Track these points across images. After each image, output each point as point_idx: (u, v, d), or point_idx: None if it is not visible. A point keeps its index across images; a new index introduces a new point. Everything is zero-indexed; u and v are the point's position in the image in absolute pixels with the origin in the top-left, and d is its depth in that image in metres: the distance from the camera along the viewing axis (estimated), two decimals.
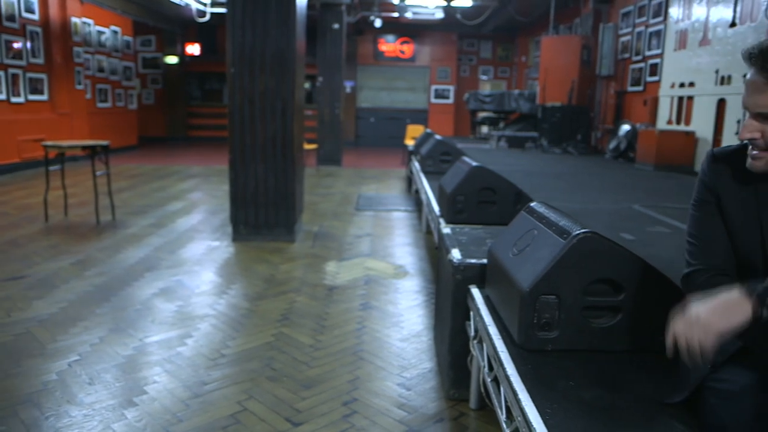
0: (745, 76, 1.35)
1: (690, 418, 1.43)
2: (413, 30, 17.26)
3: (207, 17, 12.04)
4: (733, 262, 1.44)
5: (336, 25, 10.98)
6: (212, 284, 4.03)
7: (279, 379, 2.68)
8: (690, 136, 8.67)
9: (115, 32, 12.63)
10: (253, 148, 5.02)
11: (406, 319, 3.46)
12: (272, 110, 4.97)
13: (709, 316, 1.20)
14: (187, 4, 11.96)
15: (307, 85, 16.19)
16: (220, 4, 11.67)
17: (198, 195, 7.67)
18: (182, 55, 16.37)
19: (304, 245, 5.13)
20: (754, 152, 1.33)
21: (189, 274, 4.21)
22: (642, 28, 10.60)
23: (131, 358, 2.85)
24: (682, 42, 9.14)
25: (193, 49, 16.54)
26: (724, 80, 7.96)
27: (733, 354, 1.35)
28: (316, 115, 11.44)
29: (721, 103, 8.11)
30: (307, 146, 9.80)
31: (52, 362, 2.78)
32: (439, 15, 14.34)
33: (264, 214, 5.13)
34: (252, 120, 4.97)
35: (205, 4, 11.90)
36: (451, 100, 17.86)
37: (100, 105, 12.04)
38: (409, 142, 10.30)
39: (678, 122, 9.19)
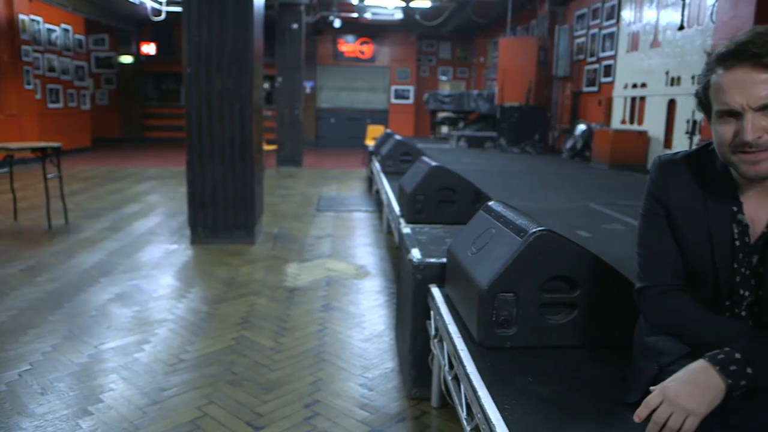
0: (694, 78, 1.34)
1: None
2: (373, 30, 17.28)
3: (162, 16, 11.79)
4: (683, 275, 1.41)
5: (295, 25, 10.91)
6: (170, 288, 3.96)
7: (240, 382, 2.65)
8: (643, 135, 8.91)
9: (66, 30, 12.27)
10: (211, 149, 4.94)
11: (367, 320, 3.46)
12: (230, 111, 4.91)
13: (689, 401, 1.15)
14: (141, 3, 11.70)
15: (266, 86, 16.02)
16: (176, 3, 11.45)
17: (155, 197, 7.52)
18: (137, 55, 16.00)
19: (265, 247, 5.08)
20: (750, 157, 1.22)
21: (146, 279, 4.12)
22: (596, 30, 10.85)
23: (86, 365, 2.77)
24: (634, 44, 9.39)
25: (149, 48, 16.19)
26: (674, 81, 8.21)
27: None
28: (276, 116, 11.34)
29: (672, 104, 8.37)
30: (267, 147, 9.70)
31: (1, 372, 2.68)
32: (399, 16, 14.39)
33: (223, 216, 5.06)
34: (209, 121, 4.90)
35: (160, 3, 11.66)
36: (411, 101, 17.95)
37: (51, 105, 11.67)
38: (370, 143, 10.31)
39: (631, 122, 9.44)
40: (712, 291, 1.38)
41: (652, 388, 1.22)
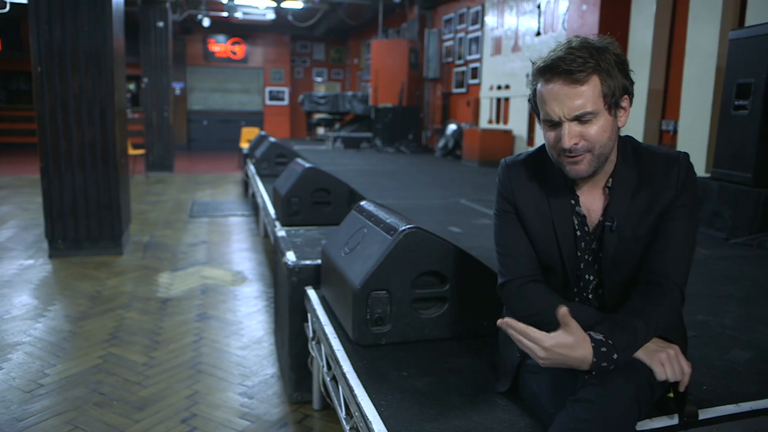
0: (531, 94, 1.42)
1: (510, 394, 1.56)
2: (244, 31, 16.91)
3: (6, 8, 10.76)
4: (539, 266, 1.51)
5: (160, 24, 10.41)
6: (26, 308, 3.63)
7: (108, 403, 2.48)
8: (508, 134, 9.44)
9: None
10: (69, 155, 4.59)
11: (246, 327, 3.38)
12: (89, 113, 4.59)
13: (559, 356, 1.24)
14: None
15: (132, 87, 15.16)
16: None
17: (6, 209, 6.85)
18: None
19: (134, 257, 4.81)
20: (571, 159, 1.35)
21: None
22: (463, 34, 11.33)
23: None
24: (497, 48, 9.92)
25: None
26: None
27: None
28: (143, 119, 10.77)
29: None
30: (133, 151, 9.20)
31: None
32: (270, 16, 14.17)
33: (86, 227, 4.72)
34: (66, 124, 4.55)
35: None
36: (286, 102, 17.77)
37: None
38: (245, 145, 10.08)
39: (497, 121, 9.96)
40: (562, 279, 1.50)
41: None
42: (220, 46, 17.13)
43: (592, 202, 1.45)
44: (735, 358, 1.89)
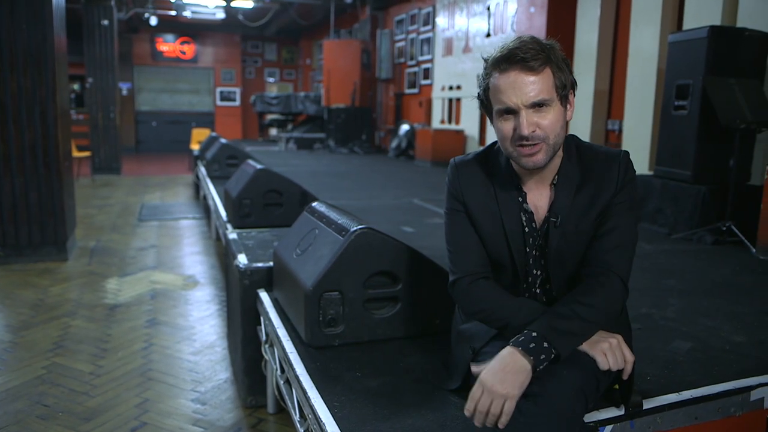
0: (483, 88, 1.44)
1: (462, 391, 1.58)
2: (194, 30, 16.61)
3: None
4: (489, 264, 1.53)
5: (105, 22, 10.12)
6: None
7: (53, 416, 2.40)
8: (460, 134, 9.55)
9: None
10: (8, 158, 4.41)
11: (198, 331, 3.32)
12: (29, 114, 4.42)
13: (504, 387, 1.23)
14: None
15: (76, 87, 14.70)
16: None
17: None
18: None
19: (79, 263, 4.66)
20: (528, 150, 1.36)
21: None
22: (414, 35, 11.41)
23: None
24: (448, 49, 10.02)
25: None
26: None
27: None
28: (88, 120, 10.44)
29: None
30: (78, 154, 8.92)
31: None
32: (220, 15, 13.96)
33: (27, 233, 4.54)
34: (4, 126, 4.37)
35: None
36: (237, 103, 17.54)
37: None
38: (195, 147, 9.90)
39: (450, 122, 10.07)
40: (511, 274, 1.52)
41: (473, 368, 1.31)
42: (168, 45, 16.78)
43: (539, 198, 1.49)
44: (676, 349, 1.97)
